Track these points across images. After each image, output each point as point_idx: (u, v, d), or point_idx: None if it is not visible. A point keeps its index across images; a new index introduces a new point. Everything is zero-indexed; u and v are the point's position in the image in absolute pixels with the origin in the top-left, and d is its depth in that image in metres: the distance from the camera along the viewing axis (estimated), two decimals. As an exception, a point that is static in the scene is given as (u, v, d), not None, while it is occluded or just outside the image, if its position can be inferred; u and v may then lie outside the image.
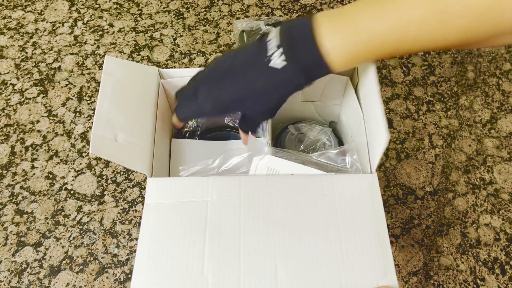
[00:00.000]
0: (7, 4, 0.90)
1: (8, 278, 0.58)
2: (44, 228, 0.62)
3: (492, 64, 0.79)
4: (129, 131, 0.39)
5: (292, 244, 0.34)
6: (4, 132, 0.72)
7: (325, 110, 0.53)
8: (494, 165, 0.68)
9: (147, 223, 0.35)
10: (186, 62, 0.80)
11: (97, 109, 0.38)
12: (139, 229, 0.35)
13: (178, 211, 0.36)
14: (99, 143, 0.36)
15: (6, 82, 0.78)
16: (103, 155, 0.36)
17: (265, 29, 0.57)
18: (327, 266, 0.33)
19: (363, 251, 0.34)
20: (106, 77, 0.40)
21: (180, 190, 0.37)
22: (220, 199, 0.36)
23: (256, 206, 0.36)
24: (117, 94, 0.40)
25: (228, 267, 0.33)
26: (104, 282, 0.58)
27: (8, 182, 0.67)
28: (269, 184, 0.37)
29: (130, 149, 0.38)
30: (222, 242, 0.34)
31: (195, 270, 0.33)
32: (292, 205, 0.36)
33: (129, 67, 0.43)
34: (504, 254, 0.60)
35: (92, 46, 0.83)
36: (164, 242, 0.34)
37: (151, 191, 0.37)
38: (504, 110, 0.74)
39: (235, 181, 0.37)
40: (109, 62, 0.41)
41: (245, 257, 0.34)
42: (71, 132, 0.72)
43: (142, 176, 0.67)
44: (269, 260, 0.33)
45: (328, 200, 0.36)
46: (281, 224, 0.35)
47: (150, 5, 0.89)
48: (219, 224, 0.35)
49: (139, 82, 0.43)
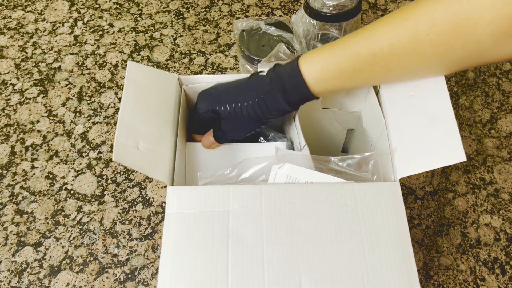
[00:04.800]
0: (7, 4, 0.90)
1: (8, 278, 0.58)
2: (44, 228, 0.62)
3: (492, 64, 0.79)
4: (150, 139, 0.39)
5: (316, 256, 0.34)
6: (4, 132, 0.72)
7: (344, 118, 0.52)
8: (494, 165, 0.68)
9: (168, 234, 0.35)
10: (186, 62, 0.80)
11: (120, 116, 0.38)
12: (139, 229, 0.35)
13: (199, 222, 0.35)
14: (121, 151, 0.36)
15: (6, 82, 0.78)
16: (126, 163, 0.36)
17: (265, 28, 0.57)
18: (351, 279, 0.33)
19: (387, 263, 0.33)
20: (129, 84, 0.40)
21: (201, 200, 0.36)
22: (241, 209, 0.36)
23: (278, 216, 0.36)
24: (139, 101, 0.40)
25: (252, 280, 0.33)
26: (104, 282, 0.58)
27: (8, 182, 0.67)
28: (290, 193, 0.37)
29: (151, 157, 0.38)
30: (246, 253, 0.34)
31: (219, 284, 0.33)
32: (314, 215, 0.36)
33: (150, 73, 0.43)
34: (504, 254, 0.60)
35: (92, 46, 0.83)
36: (187, 254, 0.34)
37: (172, 201, 0.37)
38: (504, 110, 0.74)
39: (256, 190, 0.37)
40: (132, 68, 0.41)
41: (269, 270, 0.33)
42: (71, 132, 0.72)
43: (142, 176, 0.67)
44: (293, 272, 0.33)
45: (351, 210, 0.36)
46: (304, 235, 0.35)
47: (150, 5, 0.89)
48: (242, 235, 0.35)
49: (160, 89, 0.43)
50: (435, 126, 0.37)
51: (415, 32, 0.32)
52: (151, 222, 0.63)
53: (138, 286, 0.58)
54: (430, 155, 0.36)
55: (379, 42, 0.34)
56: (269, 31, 0.57)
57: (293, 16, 0.61)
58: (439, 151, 0.36)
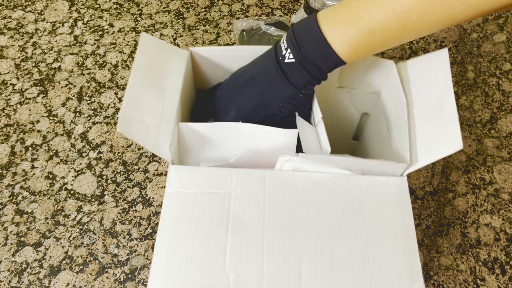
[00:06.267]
0: (7, 4, 0.90)
1: (8, 278, 0.58)
2: (44, 228, 0.62)
3: (492, 64, 0.79)
4: (157, 114, 0.37)
5: (318, 245, 0.33)
6: (4, 132, 0.72)
7: (360, 99, 0.50)
8: (494, 165, 0.68)
9: (167, 212, 0.34)
10: (186, 62, 0.80)
11: (129, 87, 0.36)
12: (139, 229, 0.35)
13: (200, 202, 0.35)
14: (127, 123, 0.35)
15: (6, 82, 0.78)
16: (129, 136, 0.35)
17: (265, 28, 0.57)
18: (353, 270, 0.32)
19: (391, 257, 0.33)
20: (141, 56, 0.39)
21: (203, 180, 0.36)
22: (244, 192, 0.35)
23: (280, 203, 0.35)
24: (149, 74, 0.39)
25: (250, 264, 0.32)
26: (104, 282, 0.58)
27: (8, 182, 0.67)
28: (294, 181, 0.36)
29: (156, 133, 0.37)
30: (245, 238, 0.33)
31: (216, 265, 0.32)
32: (318, 205, 0.35)
33: (162, 46, 0.41)
34: (504, 254, 0.60)
35: (92, 46, 0.83)
36: (185, 234, 0.33)
37: (173, 179, 0.36)
38: (504, 110, 0.74)
39: (260, 175, 0.36)
40: (145, 40, 0.40)
41: (269, 255, 0.32)
42: (71, 132, 0.72)
43: (142, 176, 0.67)
44: (293, 260, 0.32)
45: (356, 202, 0.35)
46: (306, 223, 0.34)
47: (150, 5, 0.89)
48: (242, 218, 0.34)
49: (170, 63, 0.42)
50: (438, 116, 0.36)
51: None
52: (151, 222, 0.63)
53: (138, 286, 0.58)
54: (432, 147, 0.36)
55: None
56: (269, 31, 0.57)
57: (293, 16, 0.61)
58: (440, 141, 0.35)
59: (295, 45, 0.36)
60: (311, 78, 0.37)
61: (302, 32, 0.36)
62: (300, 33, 0.36)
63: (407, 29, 0.33)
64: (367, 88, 0.48)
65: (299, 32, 0.36)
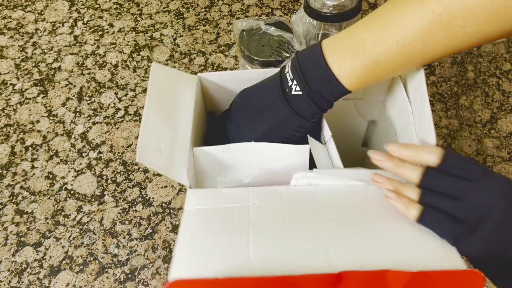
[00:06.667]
0: (7, 4, 0.90)
1: (8, 278, 0.58)
2: (44, 228, 0.62)
3: (492, 64, 0.79)
4: (172, 141, 0.39)
5: (343, 232, 0.33)
6: (4, 132, 0.72)
7: (366, 108, 0.51)
8: (494, 165, 0.68)
9: (186, 224, 0.34)
10: (186, 62, 0.80)
11: (144, 118, 0.38)
12: (139, 229, 0.35)
13: (219, 214, 0.35)
14: (144, 152, 0.36)
15: (6, 82, 0.78)
16: (147, 164, 0.36)
17: (265, 28, 0.57)
18: (384, 250, 0.31)
19: (422, 238, 0.32)
20: (153, 85, 0.40)
21: (221, 198, 0.36)
22: (262, 203, 0.35)
23: (300, 206, 0.35)
24: (162, 102, 0.40)
25: (276, 252, 0.31)
26: (104, 282, 0.58)
27: (8, 182, 0.67)
28: (311, 191, 0.36)
29: (173, 160, 0.38)
30: (267, 232, 0.33)
31: (239, 255, 0.31)
32: (338, 205, 0.35)
33: (172, 74, 0.43)
34: (504, 254, 0.60)
35: (92, 46, 0.83)
36: (206, 236, 0.33)
37: (191, 200, 0.36)
38: (504, 110, 0.74)
39: (276, 191, 0.37)
40: (156, 70, 0.41)
41: (293, 243, 0.32)
42: (71, 132, 0.72)
43: (142, 176, 0.67)
44: (320, 243, 0.32)
45: (375, 203, 0.35)
46: (328, 219, 0.34)
47: (150, 5, 0.89)
48: (263, 219, 0.34)
49: (181, 89, 0.43)
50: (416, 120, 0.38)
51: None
52: (151, 222, 0.63)
53: (138, 286, 0.58)
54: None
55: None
56: (269, 31, 0.57)
57: (293, 16, 0.61)
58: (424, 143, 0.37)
59: (301, 77, 0.36)
60: (318, 109, 0.37)
61: (307, 63, 0.36)
62: (305, 64, 0.36)
63: (411, 59, 0.33)
64: (372, 97, 0.49)
65: (305, 62, 0.36)
